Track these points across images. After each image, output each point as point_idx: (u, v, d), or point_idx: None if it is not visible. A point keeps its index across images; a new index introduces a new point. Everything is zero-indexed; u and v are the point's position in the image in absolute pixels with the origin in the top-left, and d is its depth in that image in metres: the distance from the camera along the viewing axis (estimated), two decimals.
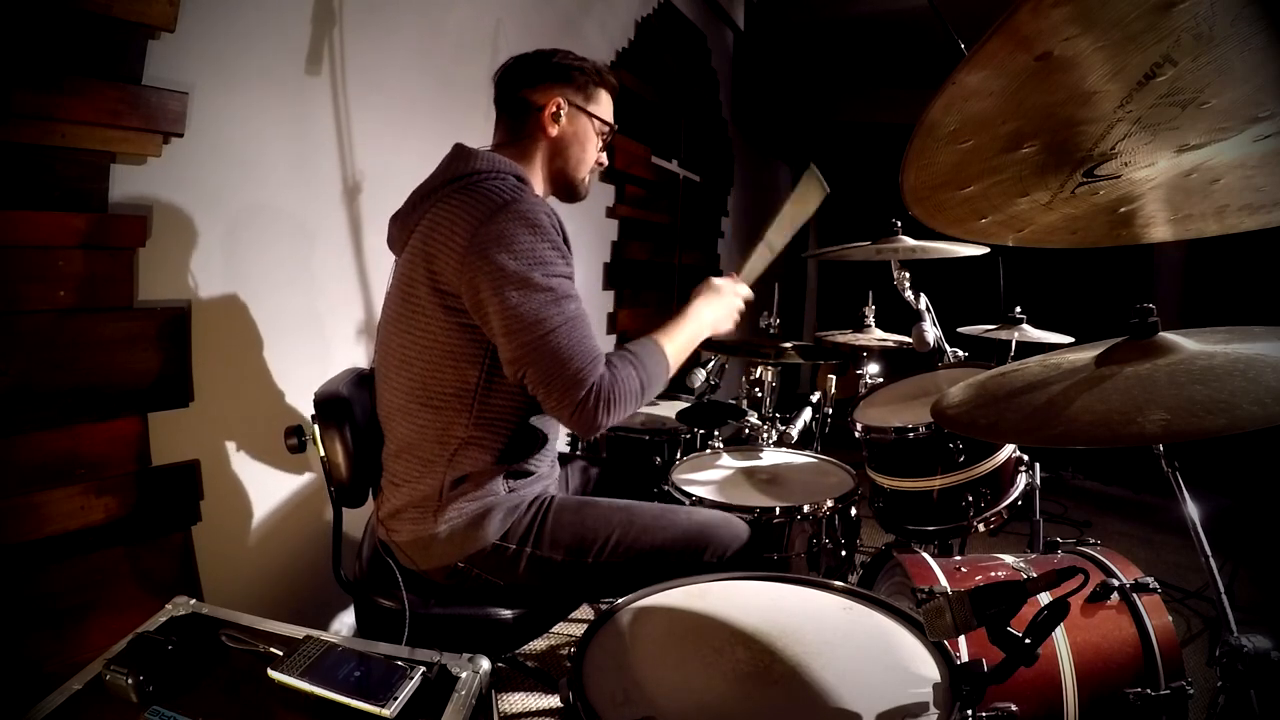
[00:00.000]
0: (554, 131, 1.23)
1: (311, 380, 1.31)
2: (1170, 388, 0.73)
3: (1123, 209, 0.89)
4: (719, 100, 4.08)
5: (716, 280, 1.34)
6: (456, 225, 1.07)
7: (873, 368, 2.12)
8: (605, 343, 2.98)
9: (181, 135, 1.32)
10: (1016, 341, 2.32)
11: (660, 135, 3.29)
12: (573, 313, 1.07)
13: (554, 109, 1.22)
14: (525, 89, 1.23)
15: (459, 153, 1.18)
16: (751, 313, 1.44)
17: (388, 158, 1.81)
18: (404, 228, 1.18)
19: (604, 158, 1.32)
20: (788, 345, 1.89)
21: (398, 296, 1.16)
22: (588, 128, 1.27)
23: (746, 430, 1.79)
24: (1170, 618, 1.03)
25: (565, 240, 1.12)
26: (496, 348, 1.08)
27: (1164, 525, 3.02)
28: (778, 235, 1.43)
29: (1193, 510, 1.08)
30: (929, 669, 0.80)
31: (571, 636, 1.96)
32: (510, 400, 1.15)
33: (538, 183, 1.26)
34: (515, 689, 1.76)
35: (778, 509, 1.36)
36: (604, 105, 1.29)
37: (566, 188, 1.30)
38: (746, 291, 1.38)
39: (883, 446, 1.49)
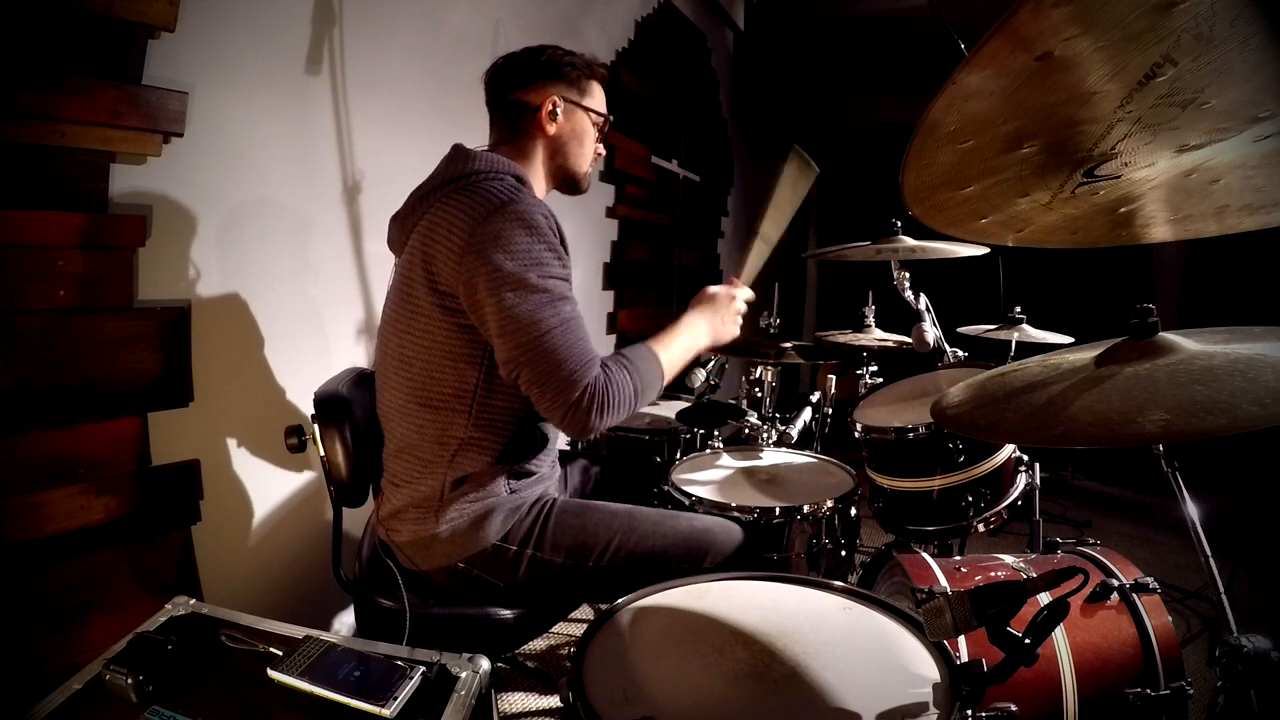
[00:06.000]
0: (552, 130, 1.23)
1: (311, 380, 1.31)
2: (1170, 388, 0.73)
3: (1123, 209, 0.89)
4: (719, 100, 4.07)
5: (711, 289, 1.32)
6: (454, 225, 1.07)
7: (872, 367, 2.12)
8: (604, 343, 2.99)
9: (181, 135, 1.32)
10: (1016, 341, 2.32)
11: (660, 135, 3.29)
12: (568, 314, 1.07)
13: (550, 107, 1.22)
14: (518, 89, 1.23)
15: (457, 153, 1.18)
16: (752, 312, 1.43)
17: (387, 157, 1.81)
18: (403, 228, 1.18)
19: (602, 148, 1.32)
20: (788, 345, 1.89)
21: (397, 297, 1.17)
22: (584, 122, 1.27)
23: (746, 430, 1.79)
24: (1170, 618, 1.03)
25: (563, 242, 1.12)
26: (493, 348, 1.08)
27: (1164, 525, 3.02)
28: (772, 227, 1.39)
29: (1193, 510, 1.08)
30: (929, 669, 0.80)
31: (571, 636, 1.97)
32: (510, 401, 1.15)
33: (538, 180, 1.26)
34: (515, 689, 1.76)
35: (777, 509, 1.36)
36: (597, 97, 1.29)
37: (569, 182, 1.30)
38: (746, 293, 1.36)
39: (883, 446, 1.48)
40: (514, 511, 1.18)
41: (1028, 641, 0.71)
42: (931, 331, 1.72)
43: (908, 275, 1.75)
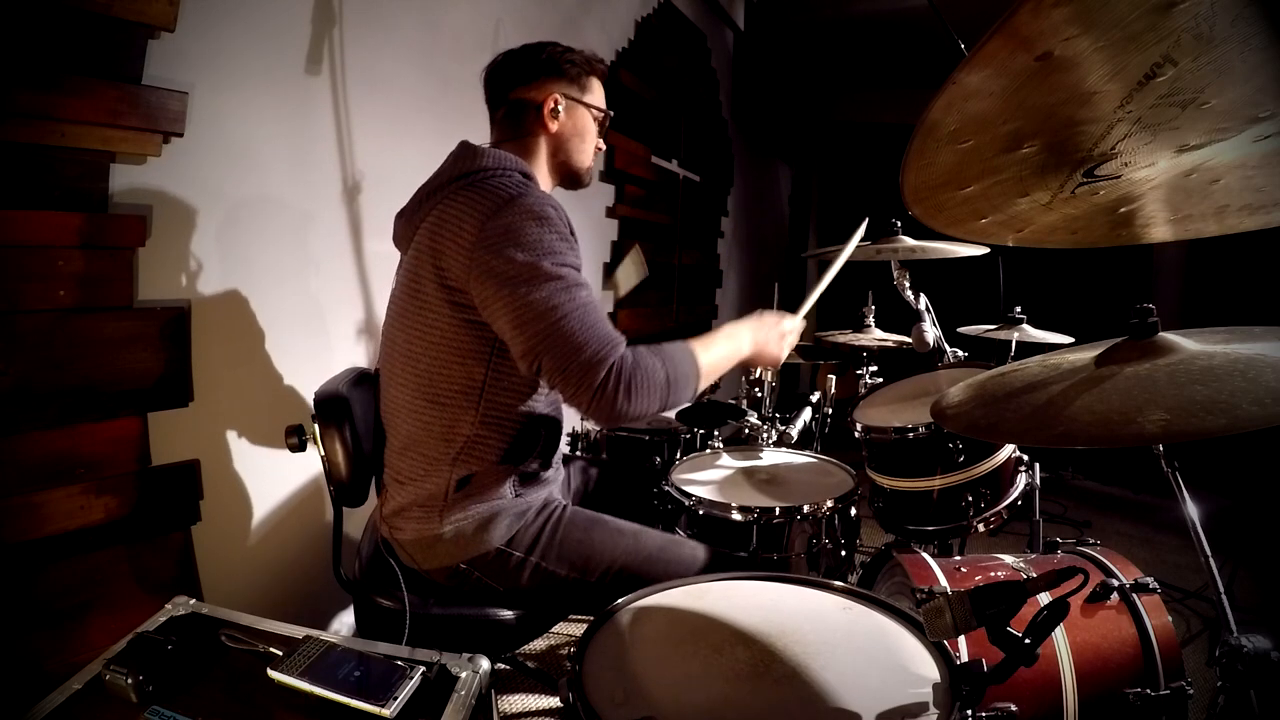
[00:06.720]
0: (554, 127, 1.23)
1: (312, 379, 1.31)
2: (1170, 388, 0.73)
3: (1123, 209, 0.89)
4: (719, 100, 4.07)
5: (764, 311, 1.34)
6: (464, 221, 1.07)
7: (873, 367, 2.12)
8: None
9: (181, 135, 1.32)
10: (1016, 341, 2.32)
11: (660, 135, 3.29)
12: (584, 299, 1.05)
13: (552, 105, 1.22)
14: (520, 87, 1.23)
15: (465, 150, 1.18)
16: (751, 313, 1.43)
17: (387, 157, 1.81)
18: (409, 224, 1.18)
19: (602, 143, 1.32)
20: None
21: (404, 293, 1.16)
22: (586, 118, 1.27)
23: (746, 430, 1.79)
24: (1170, 618, 1.03)
25: (572, 233, 1.11)
26: (507, 343, 1.07)
27: (1164, 525, 3.02)
28: (828, 275, 1.52)
29: (1193, 510, 1.08)
30: (929, 669, 0.80)
31: (571, 636, 1.97)
32: (516, 399, 1.15)
33: (542, 177, 1.26)
34: (515, 689, 1.76)
35: (777, 509, 1.36)
36: (597, 93, 1.29)
37: (571, 178, 1.30)
38: (795, 321, 1.37)
39: (883, 446, 1.49)
40: (520, 516, 1.17)
41: (1028, 641, 0.71)
42: (931, 331, 1.72)
43: (908, 275, 1.75)
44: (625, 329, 3.10)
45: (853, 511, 1.46)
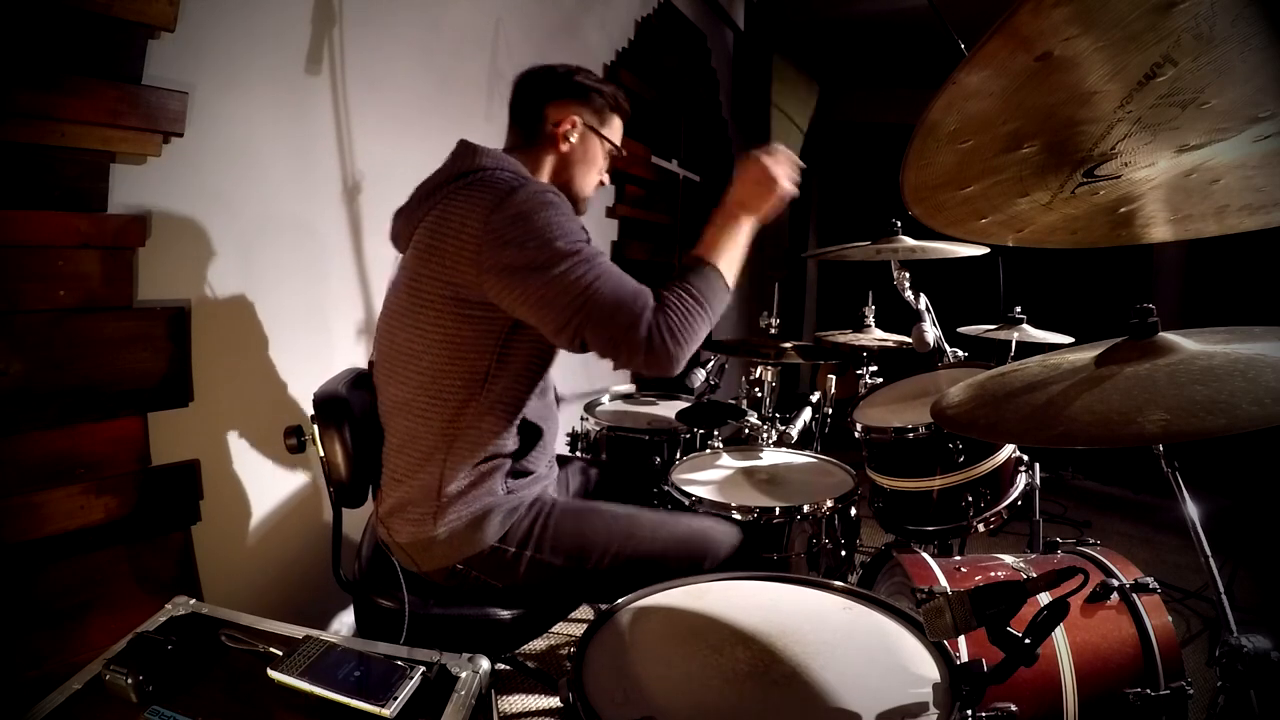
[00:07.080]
0: (565, 148, 1.26)
1: (312, 380, 1.31)
2: (1170, 388, 0.73)
3: (1123, 209, 0.89)
4: (719, 100, 4.07)
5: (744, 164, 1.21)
6: (467, 220, 1.07)
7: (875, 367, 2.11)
8: None
9: (181, 135, 1.32)
10: (1016, 341, 2.32)
11: (660, 135, 3.29)
12: (605, 266, 1.07)
13: (568, 126, 1.24)
14: (543, 102, 1.25)
15: (464, 149, 1.18)
16: (751, 312, 1.42)
17: (388, 157, 1.81)
18: (409, 223, 1.19)
19: (607, 177, 1.35)
20: (787, 345, 1.89)
21: (403, 291, 1.16)
22: (597, 148, 1.29)
23: (746, 430, 1.79)
24: (1170, 618, 1.03)
25: None
26: (537, 327, 1.08)
27: (1164, 525, 3.02)
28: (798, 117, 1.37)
29: (1193, 510, 1.08)
30: (929, 669, 0.80)
31: (571, 636, 1.97)
32: (515, 393, 1.16)
33: None
34: (515, 689, 1.76)
35: (777, 509, 1.36)
36: (615, 129, 1.32)
37: (569, 201, 1.31)
38: (773, 148, 1.22)
39: (883, 446, 1.49)
40: (512, 512, 1.18)
41: (1028, 641, 0.71)
42: (931, 331, 1.72)
43: (908, 275, 1.75)
44: None
45: (853, 511, 1.46)
